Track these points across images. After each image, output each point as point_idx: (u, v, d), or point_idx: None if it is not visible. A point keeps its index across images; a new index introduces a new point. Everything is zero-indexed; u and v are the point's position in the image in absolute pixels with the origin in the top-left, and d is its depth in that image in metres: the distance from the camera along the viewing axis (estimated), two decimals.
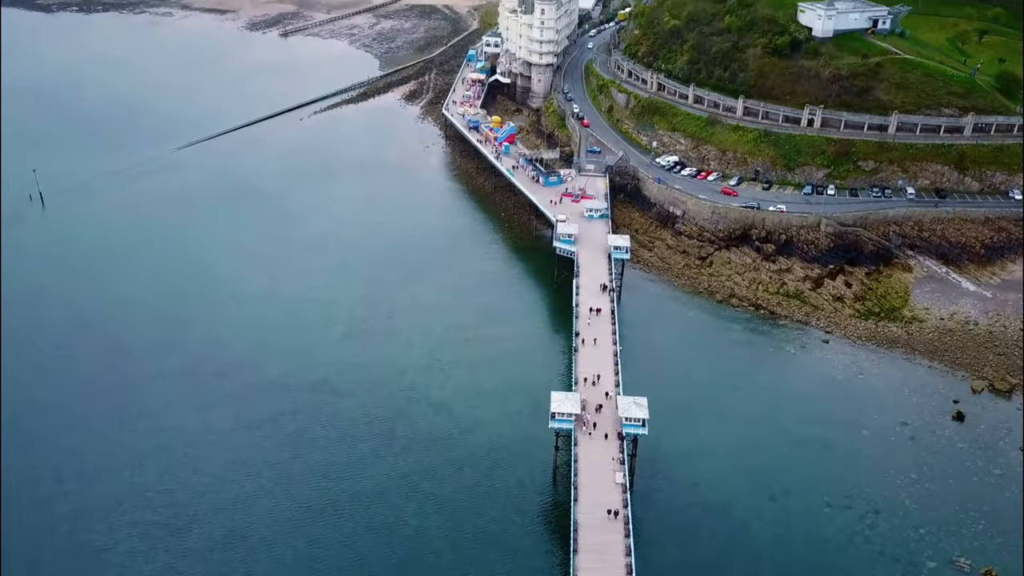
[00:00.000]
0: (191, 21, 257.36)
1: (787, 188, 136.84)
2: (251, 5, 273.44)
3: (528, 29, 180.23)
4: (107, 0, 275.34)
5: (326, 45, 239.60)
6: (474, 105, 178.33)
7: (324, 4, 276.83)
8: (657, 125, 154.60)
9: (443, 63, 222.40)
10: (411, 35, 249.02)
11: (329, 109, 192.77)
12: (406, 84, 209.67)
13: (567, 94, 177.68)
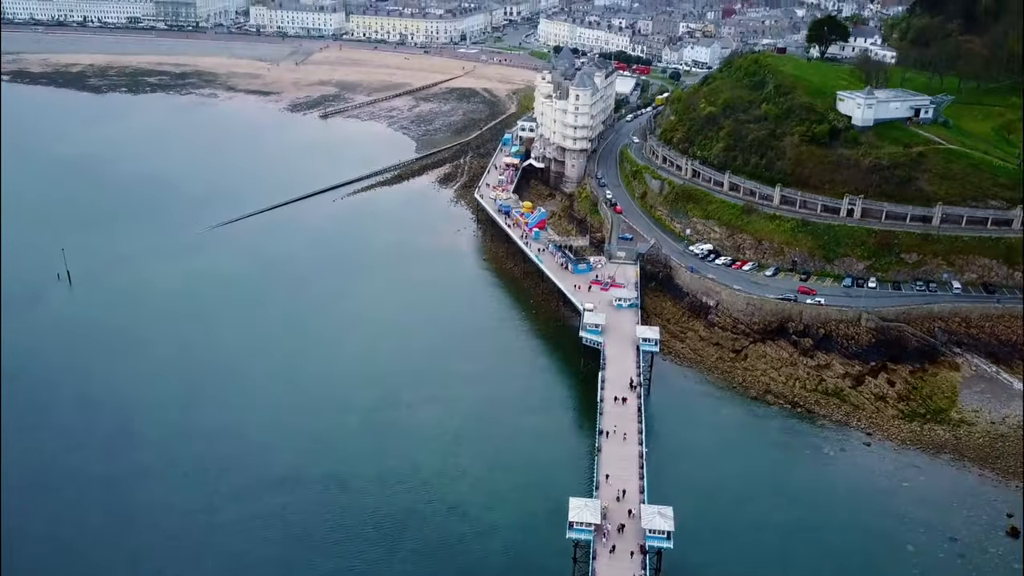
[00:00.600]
0: (235, 103, 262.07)
1: (826, 280, 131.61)
2: (294, 88, 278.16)
3: (562, 114, 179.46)
4: (155, 82, 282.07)
5: (365, 127, 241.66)
6: (506, 190, 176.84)
7: (365, 87, 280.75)
8: (691, 212, 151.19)
9: (479, 146, 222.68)
10: (449, 118, 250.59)
11: (363, 191, 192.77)
12: (441, 167, 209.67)
13: (600, 179, 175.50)
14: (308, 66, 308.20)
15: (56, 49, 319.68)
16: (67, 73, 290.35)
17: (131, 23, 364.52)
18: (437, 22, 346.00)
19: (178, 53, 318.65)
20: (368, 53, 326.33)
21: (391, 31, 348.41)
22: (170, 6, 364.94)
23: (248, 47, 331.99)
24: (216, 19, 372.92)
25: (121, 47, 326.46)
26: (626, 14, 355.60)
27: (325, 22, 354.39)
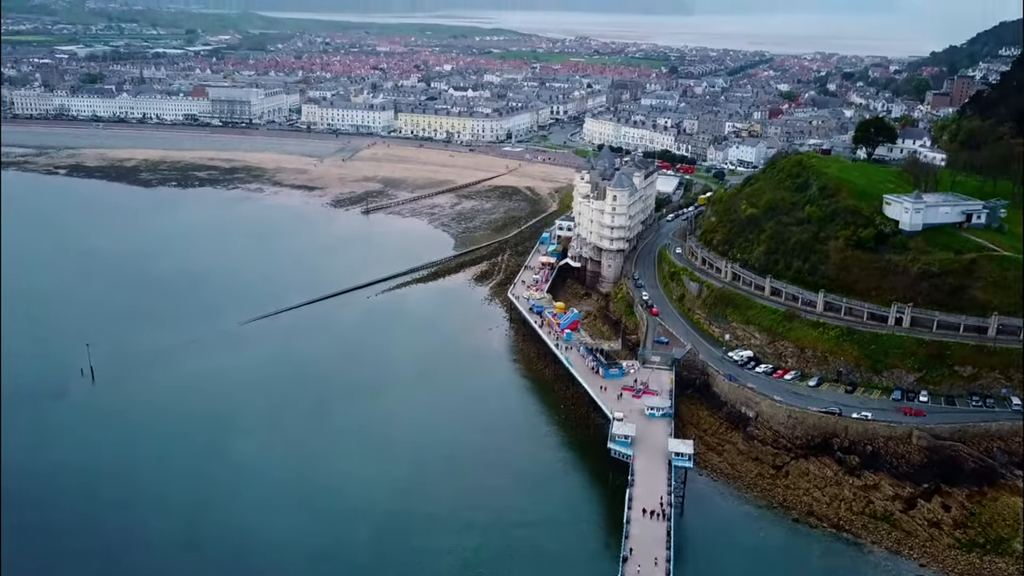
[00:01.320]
0: (280, 198, 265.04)
1: (873, 392, 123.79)
2: (340, 184, 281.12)
3: (599, 214, 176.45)
4: (204, 177, 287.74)
5: (405, 223, 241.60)
6: (540, 289, 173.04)
7: (409, 184, 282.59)
8: (730, 317, 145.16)
9: (518, 244, 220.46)
10: (490, 215, 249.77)
11: (398, 288, 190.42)
12: (478, 264, 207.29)
13: (637, 280, 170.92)
14: (355, 162, 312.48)
15: (113, 144, 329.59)
16: (121, 167, 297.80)
17: (188, 120, 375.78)
18: (484, 121, 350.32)
19: (230, 149, 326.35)
20: (414, 150, 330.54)
21: (438, 129, 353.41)
22: (225, 104, 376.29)
23: (298, 143, 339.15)
24: (269, 116, 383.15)
25: (175, 142, 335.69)
26: (672, 114, 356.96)
27: (374, 120, 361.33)
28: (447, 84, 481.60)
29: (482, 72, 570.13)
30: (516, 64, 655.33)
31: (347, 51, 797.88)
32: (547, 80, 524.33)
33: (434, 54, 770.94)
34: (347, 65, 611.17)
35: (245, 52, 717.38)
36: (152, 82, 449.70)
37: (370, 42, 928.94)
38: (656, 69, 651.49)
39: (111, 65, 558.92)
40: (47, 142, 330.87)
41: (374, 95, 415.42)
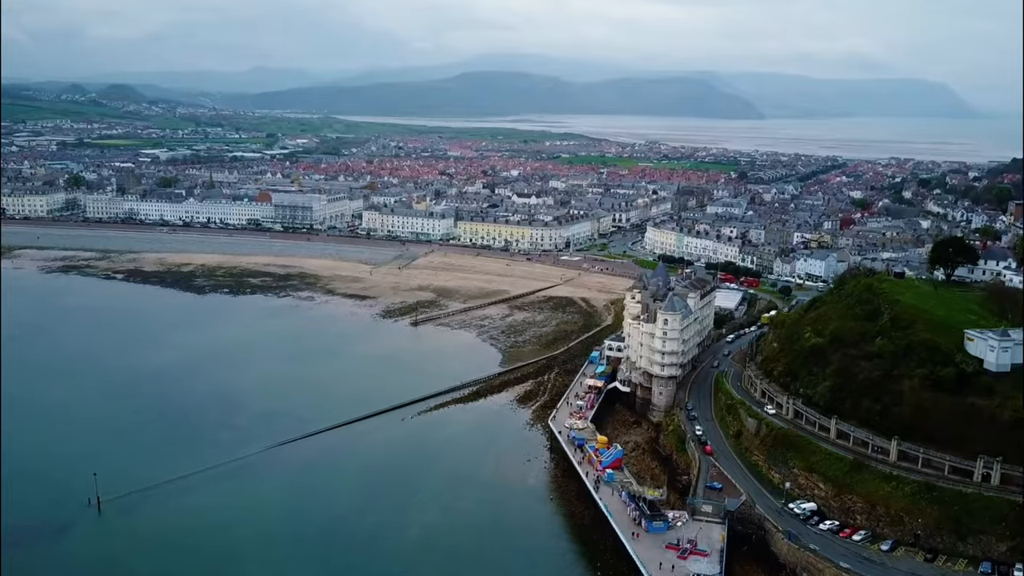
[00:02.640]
0: (329, 307, 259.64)
1: (958, 563, 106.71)
2: (392, 292, 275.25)
3: (650, 338, 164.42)
4: (257, 283, 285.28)
5: (453, 336, 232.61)
6: (584, 417, 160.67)
7: (462, 294, 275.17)
8: (792, 462, 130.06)
9: (567, 361, 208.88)
10: (541, 328, 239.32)
11: (436, 409, 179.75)
12: (523, 383, 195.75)
13: (691, 411, 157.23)
14: (410, 270, 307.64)
15: (175, 248, 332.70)
16: (178, 272, 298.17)
17: (251, 225, 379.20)
18: (542, 229, 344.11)
19: (287, 255, 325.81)
20: (470, 258, 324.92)
21: (496, 237, 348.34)
22: (288, 209, 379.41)
23: (356, 250, 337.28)
24: (331, 222, 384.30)
25: (234, 247, 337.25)
26: (738, 223, 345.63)
27: (434, 227, 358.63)
28: (511, 190, 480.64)
29: (548, 177, 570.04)
30: (583, 169, 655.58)
31: (418, 155, 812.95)
32: (612, 186, 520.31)
33: (503, 158, 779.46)
34: (415, 170, 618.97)
35: (319, 156, 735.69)
36: (222, 186, 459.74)
37: (442, 146, 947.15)
38: (725, 174, 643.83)
39: (187, 168, 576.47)
40: (112, 246, 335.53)
41: (437, 201, 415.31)
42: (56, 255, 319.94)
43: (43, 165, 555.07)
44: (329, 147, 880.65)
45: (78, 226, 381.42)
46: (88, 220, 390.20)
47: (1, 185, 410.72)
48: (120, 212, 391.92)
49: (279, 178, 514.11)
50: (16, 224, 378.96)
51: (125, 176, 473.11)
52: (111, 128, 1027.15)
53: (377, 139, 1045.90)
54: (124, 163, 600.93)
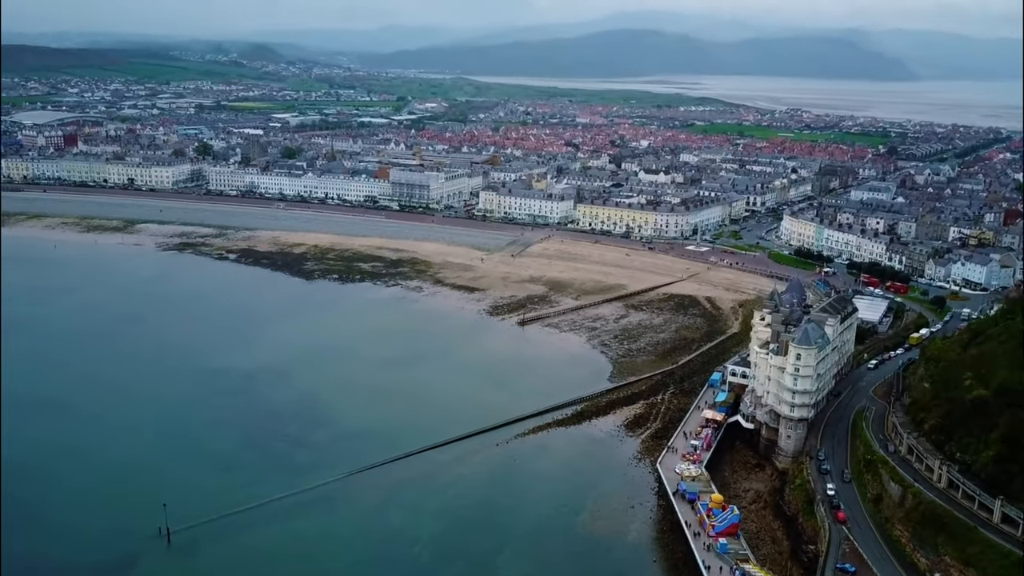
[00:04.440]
0: (436, 300, 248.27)
1: None
2: (502, 285, 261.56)
3: (779, 372, 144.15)
4: (368, 270, 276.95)
5: (561, 340, 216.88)
6: (699, 460, 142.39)
7: (575, 288, 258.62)
8: (942, 548, 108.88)
9: (684, 378, 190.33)
10: (658, 334, 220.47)
11: (536, 432, 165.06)
12: (634, 404, 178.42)
13: (822, 462, 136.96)
14: (523, 258, 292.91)
15: (289, 227, 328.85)
16: (289, 254, 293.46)
17: (368, 201, 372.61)
18: (668, 215, 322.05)
19: (400, 237, 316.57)
20: (588, 246, 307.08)
21: (617, 222, 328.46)
22: (405, 188, 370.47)
23: (469, 233, 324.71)
24: (448, 201, 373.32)
25: (348, 227, 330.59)
26: (885, 213, 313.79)
27: (552, 210, 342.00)
28: (638, 165, 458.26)
29: (679, 150, 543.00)
30: (717, 140, 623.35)
31: (546, 122, 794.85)
32: (748, 161, 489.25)
33: (632, 126, 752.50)
34: (540, 140, 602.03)
35: (445, 123, 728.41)
36: (344, 156, 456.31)
37: (571, 112, 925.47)
38: (873, 148, 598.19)
39: (314, 136, 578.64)
40: (229, 222, 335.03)
41: (558, 179, 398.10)
42: (175, 231, 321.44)
43: (175, 131, 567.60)
44: (457, 112, 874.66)
45: (200, 199, 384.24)
46: (210, 192, 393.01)
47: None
48: (241, 185, 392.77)
49: (401, 149, 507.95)
50: (142, 196, 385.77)
51: (251, 145, 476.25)
52: (248, 90, 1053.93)
53: (506, 103, 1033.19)
54: (255, 129, 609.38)
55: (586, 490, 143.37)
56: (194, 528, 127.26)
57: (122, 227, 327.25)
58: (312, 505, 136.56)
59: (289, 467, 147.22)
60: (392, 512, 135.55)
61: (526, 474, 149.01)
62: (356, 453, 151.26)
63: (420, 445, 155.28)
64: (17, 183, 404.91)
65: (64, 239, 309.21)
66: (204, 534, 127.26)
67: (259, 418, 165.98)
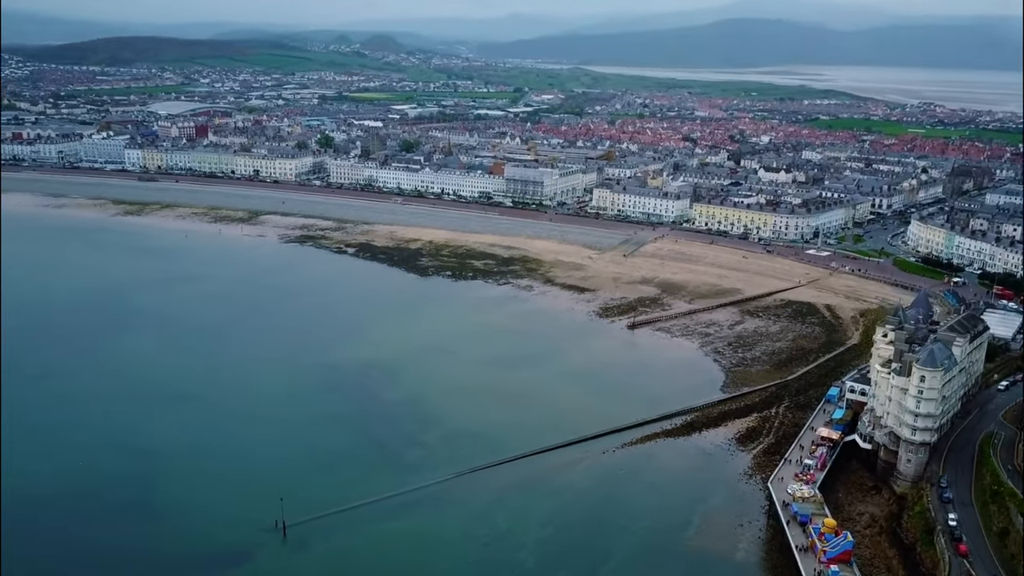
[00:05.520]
0: (546, 300, 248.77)
1: None
2: (613, 286, 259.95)
3: (901, 394, 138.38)
4: (480, 267, 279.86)
5: (672, 346, 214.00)
6: (812, 480, 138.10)
7: (689, 291, 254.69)
8: None
9: (800, 391, 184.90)
10: (774, 343, 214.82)
11: (643, 441, 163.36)
12: (745, 417, 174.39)
13: (944, 489, 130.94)
14: (636, 258, 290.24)
15: (406, 222, 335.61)
16: (405, 249, 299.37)
17: (482, 197, 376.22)
18: (788, 217, 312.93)
19: (513, 234, 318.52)
20: (703, 247, 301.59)
21: (735, 223, 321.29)
22: (519, 184, 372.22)
23: (582, 231, 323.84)
24: (561, 198, 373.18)
25: (463, 223, 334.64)
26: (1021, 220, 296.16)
27: (667, 208, 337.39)
28: (758, 162, 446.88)
29: (801, 147, 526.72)
30: (842, 136, 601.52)
31: (663, 114, 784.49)
32: (875, 159, 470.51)
33: (753, 120, 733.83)
34: (657, 134, 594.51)
35: (561, 116, 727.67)
36: (460, 150, 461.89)
37: (689, 105, 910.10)
38: (1012, 146, 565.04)
39: (431, 129, 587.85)
40: (349, 215, 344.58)
41: (674, 176, 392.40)
42: (296, 223, 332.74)
43: (299, 122, 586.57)
44: (573, 104, 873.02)
45: (321, 191, 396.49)
46: (331, 185, 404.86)
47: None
48: (360, 179, 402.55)
49: (516, 143, 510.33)
50: (267, 187, 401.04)
51: (371, 138, 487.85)
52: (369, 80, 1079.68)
53: (623, 95, 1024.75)
54: (375, 120, 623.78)
55: (694, 505, 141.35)
56: (308, 522, 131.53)
57: (247, 218, 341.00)
58: (420, 504, 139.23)
59: (399, 465, 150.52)
60: (498, 516, 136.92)
61: (633, 485, 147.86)
62: (463, 454, 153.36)
63: (527, 449, 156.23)
64: (152, 173, 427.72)
65: (193, 229, 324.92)
66: (317, 528, 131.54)
67: (371, 415, 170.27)
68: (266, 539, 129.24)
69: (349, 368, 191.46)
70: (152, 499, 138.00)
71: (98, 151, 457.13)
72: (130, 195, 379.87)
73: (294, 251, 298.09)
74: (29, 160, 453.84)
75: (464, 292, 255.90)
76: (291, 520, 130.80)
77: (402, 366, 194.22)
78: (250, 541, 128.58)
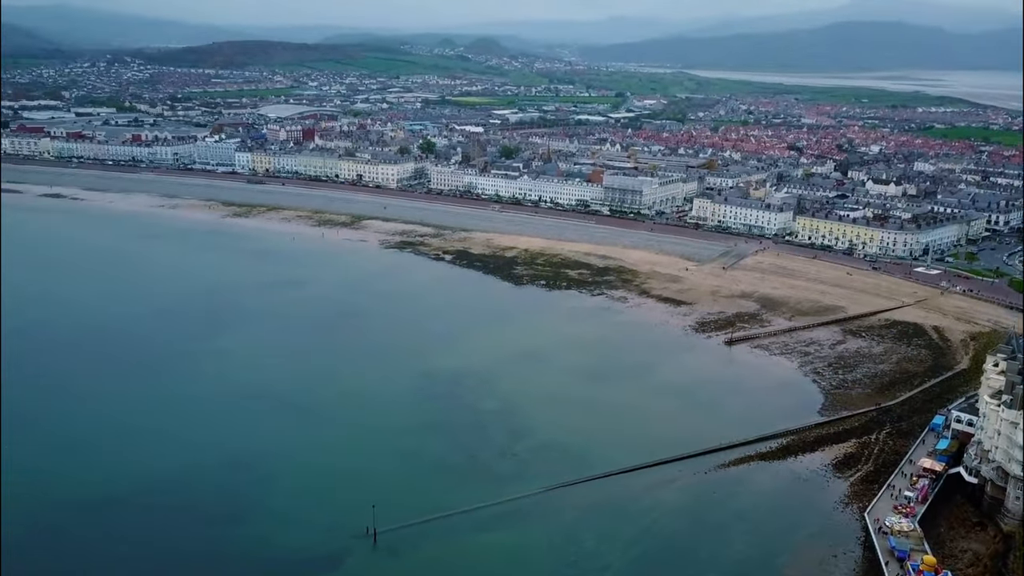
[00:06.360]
0: (641, 312, 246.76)
1: None
2: (710, 299, 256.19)
3: (1011, 428, 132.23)
4: (574, 277, 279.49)
5: (770, 364, 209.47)
6: (912, 513, 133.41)
7: (790, 308, 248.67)
8: None
9: (902, 417, 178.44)
10: (876, 365, 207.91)
11: (736, 464, 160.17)
12: (844, 442, 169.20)
13: None
14: (735, 271, 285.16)
15: (502, 229, 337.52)
16: (501, 258, 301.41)
17: (579, 206, 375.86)
18: (896, 232, 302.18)
19: (608, 243, 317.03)
20: (805, 262, 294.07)
21: (840, 237, 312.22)
22: (617, 192, 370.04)
23: (679, 242, 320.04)
24: (659, 207, 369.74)
25: (559, 231, 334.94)
26: None
27: (769, 221, 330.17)
28: (866, 174, 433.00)
29: (913, 158, 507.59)
30: (958, 147, 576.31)
31: (768, 121, 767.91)
32: (992, 172, 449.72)
33: (863, 129, 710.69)
34: (761, 142, 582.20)
35: (663, 123, 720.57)
36: (559, 157, 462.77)
37: (796, 111, 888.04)
38: None
39: (532, 135, 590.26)
40: (447, 222, 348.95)
41: (777, 188, 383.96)
42: (396, 228, 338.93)
43: (402, 127, 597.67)
44: (676, 110, 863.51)
45: (421, 197, 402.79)
46: (431, 191, 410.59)
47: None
48: (459, 185, 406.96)
49: (616, 150, 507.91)
50: (369, 192, 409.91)
51: (471, 143, 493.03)
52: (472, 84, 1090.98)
53: (727, 100, 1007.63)
54: (475, 126, 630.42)
55: (787, 533, 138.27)
56: (399, 530, 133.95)
57: (349, 222, 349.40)
58: (509, 517, 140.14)
59: (489, 476, 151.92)
60: (585, 534, 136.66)
61: (725, 508, 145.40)
62: (553, 467, 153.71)
63: (617, 466, 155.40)
64: (260, 176, 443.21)
65: (298, 232, 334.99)
66: (407, 536, 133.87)
67: (464, 423, 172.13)
68: (356, 545, 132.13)
69: (443, 376, 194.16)
70: (244, 501, 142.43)
71: (210, 153, 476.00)
72: (239, 197, 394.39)
73: (393, 257, 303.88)
74: (146, 162, 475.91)
75: (558, 302, 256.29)
76: (382, 527, 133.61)
77: (495, 375, 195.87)
78: (340, 547, 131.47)
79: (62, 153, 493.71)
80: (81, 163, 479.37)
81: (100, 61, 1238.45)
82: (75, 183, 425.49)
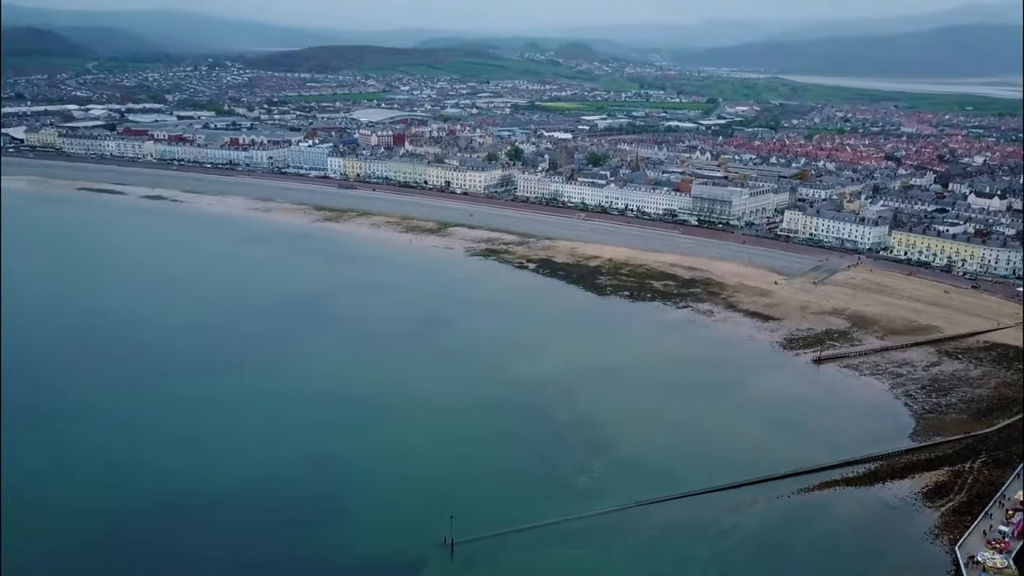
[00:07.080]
0: (727, 326, 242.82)
1: None
2: (799, 315, 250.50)
3: None
4: (659, 288, 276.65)
5: (860, 385, 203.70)
6: (1007, 549, 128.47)
7: (882, 326, 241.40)
8: None
9: (1000, 445, 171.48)
10: (973, 389, 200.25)
11: (820, 488, 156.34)
12: (935, 470, 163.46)
13: None
14: (826, 287, 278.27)
15: (587, 238, 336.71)
16: (585, 267, 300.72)
17: (666, 215, 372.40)
18: (999, 250, 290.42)
19: (695, 254, 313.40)
20: (900, 278, 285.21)
21: (937, 254, 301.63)
22: (706, 202, 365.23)
23: (769, 254, 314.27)
24: (749, 218, 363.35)
25: (644, 241, 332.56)
26: None
27: (863, 235, 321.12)
28: (969, 187, 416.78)
29: (1020, 170, 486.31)
30: None
31: (865, 130, 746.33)
32: None
33: (967, 138, 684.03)
34: (857, 151, 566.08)
35: (755, 130, 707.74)
36: (647, 164, 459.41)
37: (895, 119, 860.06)
38: None
39: (620, 141, 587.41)
40: (531, 230, 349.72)
41: (873, 200, 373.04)
42: (482, 236, 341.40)
43: (491, 133, 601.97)
44: (769, 117, 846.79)
45: (507, 204, 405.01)
46: (516, 199, 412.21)
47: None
48: (546, 193, 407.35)
49: (707, 158, 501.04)
50: (456, 199, 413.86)
51: (558, 151, 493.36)
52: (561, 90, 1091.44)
53: (822, 108, 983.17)
54: (564, 132, 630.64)
55: (871, 562, 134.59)
56: (476, 541, 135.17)
57: (436, 229, 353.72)
58: (586, 533, 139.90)
59: (568, 490, 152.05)
60: (663, 554, 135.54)
61: (807, 534, 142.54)
62: (632, 484, 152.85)
63: (697, 485, 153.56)
64: (351, 181, 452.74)
65: (387, 238, 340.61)
66: (484, 548, 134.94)
67: (544, 435, 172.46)
68: (433, 555, 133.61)
69: (525, 386, 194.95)
70: (324, 505, 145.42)
71: (303, 158, 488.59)
72: (330, 202, 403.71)
73: (478, 264, 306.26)
74: (243, 165, 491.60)
75: (641, 313, 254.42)
76: (459, 538, 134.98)
77: (576, 387, 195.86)
78: (417, 556, 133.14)
79: (164, 156, 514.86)
80: (181, 165, 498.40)
81: (202, 65, 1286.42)
82: (175, 185, 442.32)
